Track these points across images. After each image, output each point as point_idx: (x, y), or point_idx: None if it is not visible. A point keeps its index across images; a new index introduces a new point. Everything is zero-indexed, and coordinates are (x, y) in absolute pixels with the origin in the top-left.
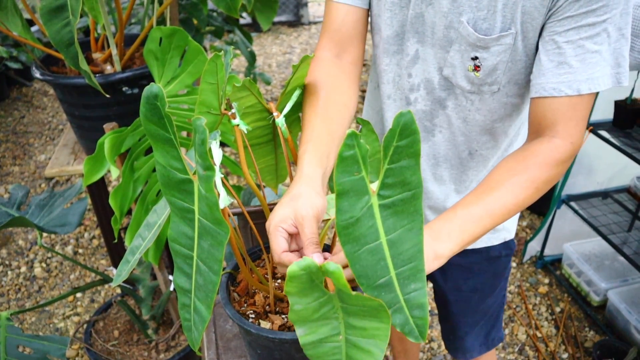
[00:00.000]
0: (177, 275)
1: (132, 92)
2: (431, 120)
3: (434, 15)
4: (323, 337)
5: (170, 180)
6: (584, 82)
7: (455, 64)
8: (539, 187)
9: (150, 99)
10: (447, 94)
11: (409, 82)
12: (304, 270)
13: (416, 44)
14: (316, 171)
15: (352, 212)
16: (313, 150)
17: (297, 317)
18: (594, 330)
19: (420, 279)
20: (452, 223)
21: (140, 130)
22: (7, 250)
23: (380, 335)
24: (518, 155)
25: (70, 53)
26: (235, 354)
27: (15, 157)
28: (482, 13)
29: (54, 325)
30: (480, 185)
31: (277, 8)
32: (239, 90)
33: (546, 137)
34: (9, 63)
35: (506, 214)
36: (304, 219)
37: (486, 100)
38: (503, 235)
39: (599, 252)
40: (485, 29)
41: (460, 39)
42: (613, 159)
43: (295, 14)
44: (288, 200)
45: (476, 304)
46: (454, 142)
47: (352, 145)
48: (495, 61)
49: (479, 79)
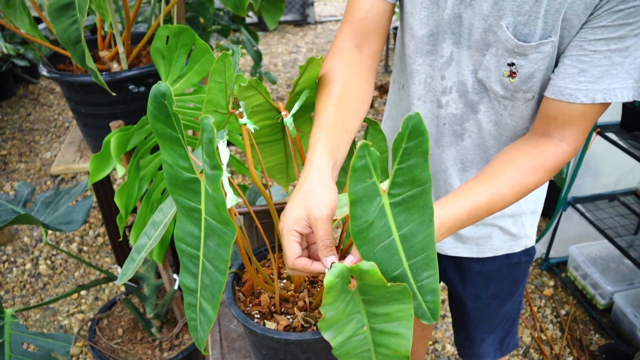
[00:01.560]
0: (183, 275)
1: (139, 90)
2: (461, 124)
3: (473, 17)
4: (350, 334)
5: (177, 179)
6: (600, 91)
7: (490, 68)
8: (534, 187)
9: (157, 97)
10: (480, 98)
11: (441, 85)
12: (338, 276)
13: (452, 45)
14: (327, 162)
15: (366, 217)
16: (326, 139)
17: (327, 324)
18: (600, 334)
19: (432, 267)
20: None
21: (146, 129)
22: (13, 247)
23: (405, 316)
24: (528, 153)
25: (77, 51)
26: (240, 354)
27: (21, 155)
28: (524, 18)
29: (58, 322)
30: (480, 173)
31: (283, 7)
32: (246, 90)
33: (554, 140)
34: (15, 60)
35: (500, 205)
36: (317, 220)
37: (519, 107)
38: (524, 242)
39: (605, 255)
40: (525, 35)
41: (498, 43)
42: (620, 161)
43: (301, 13)
44: (300, 199)
45: (494, 310)
46: (484, 146)
47: (364, 155)
48: (532, 69)
49: (514, 86)
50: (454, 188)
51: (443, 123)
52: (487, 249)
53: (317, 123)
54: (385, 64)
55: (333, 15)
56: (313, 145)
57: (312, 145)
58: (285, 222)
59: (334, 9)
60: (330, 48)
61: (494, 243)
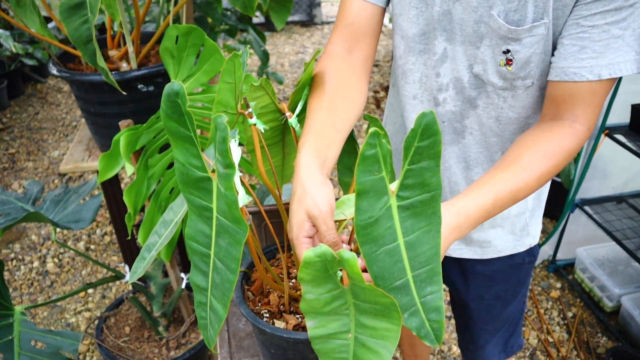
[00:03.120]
0: (193, 273)
1: (148, 89)
2: (461, 121)
3: (463, 12)
4: (332, 333)
5: (189, 177)
6: (605, 67)
7: (486, 60)
8: (556, 171)
9: (171, 96)
10: (478, 93)
11: (437, 82)
12: (319, 257)
13: (444, 42)
14: (314, 161)
15: (372, 212)
16: (313, 140)
17: (308, 307)
18: (607, 336)
19: (436, 282)
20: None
21: (155, 128)
22: (21, 245)
23: (390, 337)
24: (543, 137)
25: (88, 50)
26: (248, 353)
27: (29, 153)
28: (513, 5)
29: (65, 320)
30: (498, 164)
31: (291, 8)
32: (256, 90)
33: (567, 122)
34: (24, 60)
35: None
36: (317, 218)
37: (519, 96)
38: (528, 241)
39: (612, 257)
40: (517, 20)
41: (490, 33)
42: (629, 163)
43: (308, 13)
44: (297, 204)
45: (498, 311)
46: (486, 144)
47: (374, 144)
48: (528, 53)
49: (512, 73)
50: (459, 187)
51: (442, 121)
52: (491, 250)
53: (306, 126)
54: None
55: None
56: (300, 148)
57: (299, 148)
58: (291, 232)
59: None
60: (322, 53)
61: (498, 244)
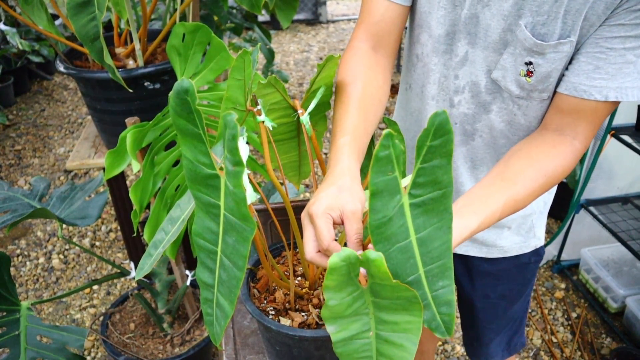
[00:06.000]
0: (200, 270)
1: (154, 87)
2: (472, 124)
3: (490, 18)
4: (354, 334)
5: (197, 175)
6: (613, 89)
7: (507, 67)
8: (551, 187)
9: (180, 94)
10: (493, 98)
11: (454, 84)
12: (344, 261)
13: (466, 45)
14: (356, 166)
15: (385, 212)
16: (353, 142)
17: (330, 313)
18: (611, 337)
19: (448, 277)
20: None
21: (161, 125)
22: (26, 241)
23: (413, 329)
24: (548, 153)
25: (95, 47)
26: (253, 350)
27: (35, 150)
28: (542, 18)
29: (70, 316)
30: (500, 170)
31: (297, 6)
32: (264, 87)
33: (568, 138)
34: (30, 57)
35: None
36: (353, 213)
37: (534, 107)
38: (534, 243)
39: (617, 258)
40: (543, 35)
41: (515, 42)
42: (634, 164)
43: (313, 12)
44: (335, 191)
45: (503, 310)
46: (494, 145)
47: (388, 145)
48: (550, 68)
49: (530, 85)
50: (464, 185)
51: (454, 122)
52: (496, 250)
53: (341, 125)
54: (397, 63)
55: (345, 15)
56: (341, 147)
57: (340, 148)
58: (319, 206)
59: (346, 8)
60: (347, 49)
61: (503, 244)
